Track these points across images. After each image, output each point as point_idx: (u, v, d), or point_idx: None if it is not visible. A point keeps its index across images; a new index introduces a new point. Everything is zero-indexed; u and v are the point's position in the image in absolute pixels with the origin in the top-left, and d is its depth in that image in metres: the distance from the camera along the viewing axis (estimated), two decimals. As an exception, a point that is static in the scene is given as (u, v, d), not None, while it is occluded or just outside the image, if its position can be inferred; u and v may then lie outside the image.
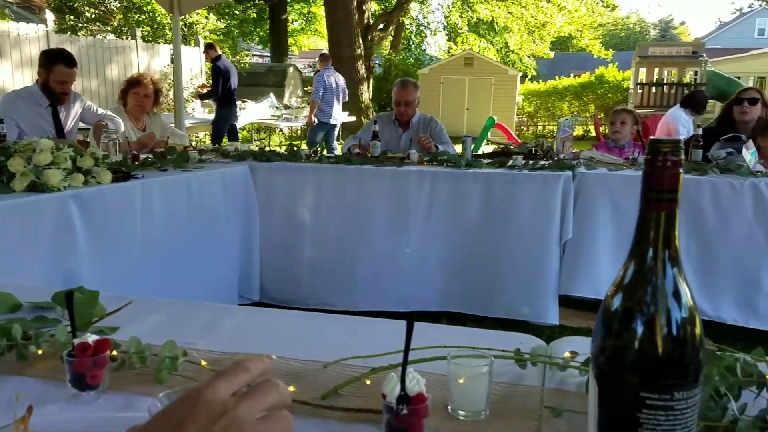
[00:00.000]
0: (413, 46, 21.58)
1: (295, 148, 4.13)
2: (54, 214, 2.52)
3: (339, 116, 9.04)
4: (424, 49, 22.65)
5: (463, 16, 19.44)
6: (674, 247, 0.59)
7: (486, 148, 10.43)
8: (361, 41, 13.95)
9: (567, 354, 0.89)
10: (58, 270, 2.53)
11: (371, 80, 15.30)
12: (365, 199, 3.64)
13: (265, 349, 0.99)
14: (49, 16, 9.01)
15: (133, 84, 4.19)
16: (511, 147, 8.58)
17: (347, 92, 9.15)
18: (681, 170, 0.59)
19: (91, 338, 0.82)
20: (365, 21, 14.62)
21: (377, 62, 19.21)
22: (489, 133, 11.98)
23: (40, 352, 0.92)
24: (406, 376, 0.71)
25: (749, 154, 3.49)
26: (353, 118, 12.42)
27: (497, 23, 19.15)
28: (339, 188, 3.68)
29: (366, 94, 14.40)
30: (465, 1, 18.74)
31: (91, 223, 2.69)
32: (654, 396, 0.57)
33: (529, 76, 21.24)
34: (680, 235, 0.59)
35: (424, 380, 0.73)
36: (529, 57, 21.13)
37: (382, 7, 18.54)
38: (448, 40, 22.33)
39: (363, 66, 14.13)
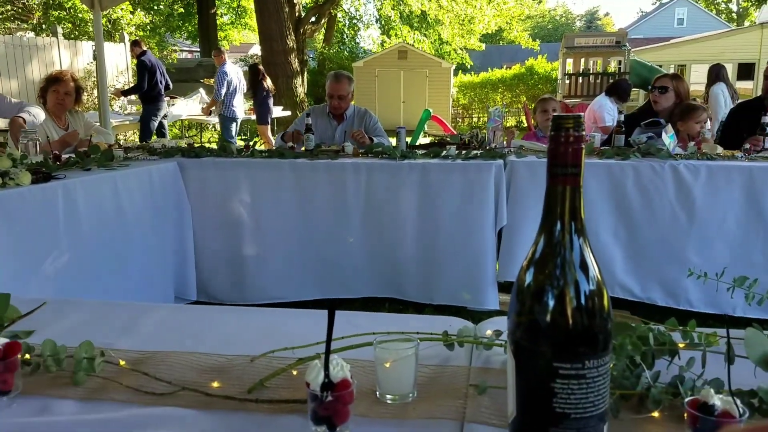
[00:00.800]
0: (347, 39, 21.53)
1: (226, 143, 4.05)
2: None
3: (242, 109, 9.23)
4: (358, 43, 22.64)
5: (396, 8, 19.51)
6: (580, 219, 0.61)
7: (424, 141, 10.53)
8: (293, 34, 13.79)
9: (489, 332, 0.91)
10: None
11: (305, 74, 15.16)
12: (302, 192, 3.61)
13: (189, 346, 0.97)
14: (-40, 12, 8.48)
15: (52, 81, 4.01)
16: (447, 138, 8.71)
17: (245, 84, 9.20)
18: (582, 145, 0.61)
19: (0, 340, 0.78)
20: (296, 14, 14.46)
21: (311, 56, 19.06)
22: (426, 126, 12.10)
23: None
24: (330, 363, 0.71)
25: (668, 138, 3.65)
26: (288, 113, 12.29)
27: (429, 16, 19.31)
28: (274, 182, 3.64)
29: (300, 87, 14.26)
30: (397, -7, 18.84)
31: (10, 226, 2.56)
32: (566, 366, 0.59)
33: (469, 66, 21.53)
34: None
35: (349, 366, 0.73)
36: (461, 49, 21.41)
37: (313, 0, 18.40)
38: (382, 33, 22.38)
39: (296, 59, 13.98)
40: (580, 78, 14.19)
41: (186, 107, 10.08)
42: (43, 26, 12.00)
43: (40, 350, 0.87)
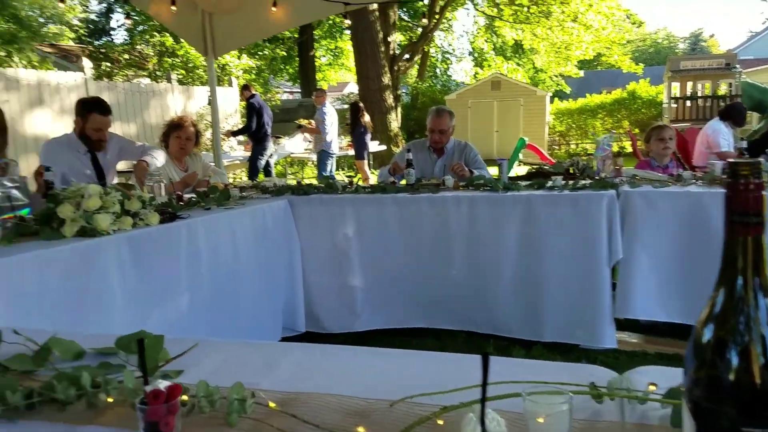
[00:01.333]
0: (439, 73, 21.74)
1: (331, 181, 4.17)
2: (104, 257, 2.57)
3: (338, 146, 9.69)
4: (450, 76, 22.80)
5: (488, 41, 19.53)
6: (764, 273, 0.57)
7: (519, 170, 10.37)
8: (388, 72, 14.12)
9: (651, 387, 0.86)
10: (108, 312, 2.58)
11: (399, 109, 15.42)
12: (405, 225, 3.66)
13: (329, 387, 0.98)
14: (87, 63, 9.31)
15: (174, 127, 4.28)
16: (545, 167, 8.52)
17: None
18: (764, 192, 0.57)
19: (162, 384, 0.82)
20: (391, 52, 14.80)
21: (404, 91, 19.39)
22: (521, 154, 11.93)
23: (110, 400, 0.93)
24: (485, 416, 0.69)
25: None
26: (383, 147, 12.52)
27: (523, 45, 19.17)
28: (378, 217, 3.71)
29: (394, 122, 14.52)
30: (489, 26, 18.83)
31: (139, 265, 2.73)
32: (755, 429, 0.55)
33: (568, 92, 21.12)
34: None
35: (504, 421, 0.71)
36: (557, 76, 21.06)
37: (408, 37, 18.75)
38: (475, 65, 22.44)
39: (391, 96, 14.28)
40: (688, 102, 13.52)
41: (290, 146, 10.53)
42: (158, 73, 12.95)
43: (194, 391, 0.91)
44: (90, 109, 3.89)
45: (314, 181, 4.41)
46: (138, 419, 0.83)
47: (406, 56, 16.30)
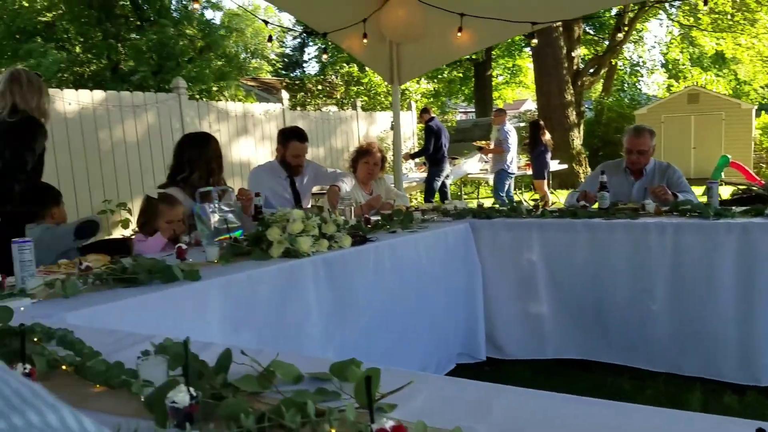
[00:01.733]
0: (627, 86, 20.52)
1: (516, 204, 4.08)
2: (303, 277, 2.74)
3: (516, 166, 9.54)
4: (640, 89, 21.41)
5: (684, 51, 18.06)
6: None
7: (722, 190, 9.38)
8: (570, 87, 13.63)
9: None
10: (303, 328, 2.74)
11: (582, 125, 14.79)
12: (597, 253, 3.46)
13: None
14: (284, 95, 10.17)
15: (363, 153, 4.49)
16: (755, 188, 7.61)
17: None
18: None
19: (388, 424, 0.83)
20: (574, 67, 14.29)
21: (588, 106, 18.57)
22: (723, 173, 10.81)
23: (333, 431, 0.96)
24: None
25: None
26: (564, 166, 12.07)
27: (724, 55, 17.46)
28: (567, 243, 3.55)
29: (577, 140, 13.95)
30: (685, 36, 17.41)
31: (333, 284, 2.88)
32: None
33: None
34: None
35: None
36: (764, 87, 18.85)
37: (592, 51, 17.99)
38: (669, 77, 20.85)
39: (573, 112, 13.75)
40: None
41: (466, 166, 10.56)
42: (344, 101, 13.76)
43: (412, 430, 0.91)
44: (289, 137, 4.26)
45: (490, 201, 4.36)
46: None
47: (591, 70, 15.63)
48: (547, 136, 9.48)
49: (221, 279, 2.40)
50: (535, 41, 4.85)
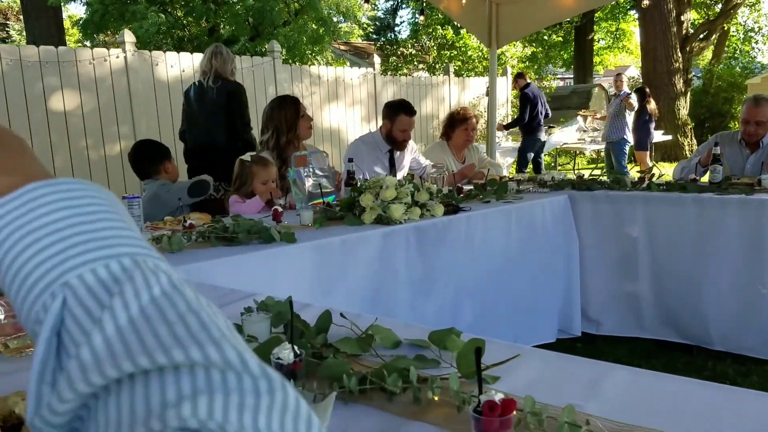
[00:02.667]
0: (739, 53, 19.01)
1: (619, 175, 3.88)
2: (395, 244, 2.74)
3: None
4: (754, 57, 19.77)
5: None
6: None
7: None
8: (678, 53, 12.77)
9: None
10: (392, 294, 2.75)
11: (689, 94, 13.85)
12: (705, 230, 3.25)
13: (664, 424, 0.87)
14: (377, 59, 10.12)
15: (461, 121, 4.37)
16: None
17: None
18: None
19: (497, 396, 0.80)
20: (683, 32, 13.34)
21: (696, 74, 17.38)
22: None
23: (436, 398, 0.94)
24: None
25: None
26: (668, 137, 11.40)
27: None
28: (673, 218, 3.35)
29: (683, 109, 13.10)
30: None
31: (423, 254, 2.86)
32: None
33: None
34: None
35: None
36: None
37: (703, 15, 16.73)
38: (787, 42, 19.12)
39: (680, 80, 12.90)
40: None
41: (562, 135, 10.17)
42: (437, 66, 13.54)
43: (520, 405, 0.87)
44: (397, 110, 4.12)
45: (587, 173, 4.16)
46: (470, 426, 0.82)
47: (701, 36, 14.57)
48: (653, 105, 8.93)
49: (315, 243, 2.43)
50: (646, 2, 4.53)
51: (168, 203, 3.21)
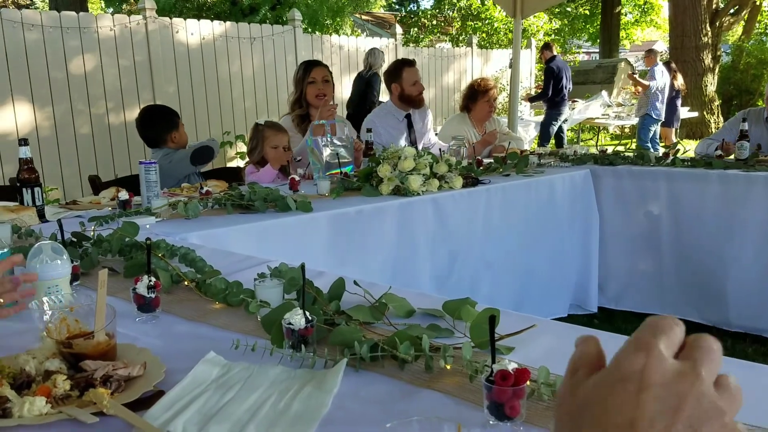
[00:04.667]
0: (772, 29, 18.43)
1: (644, 150, 3.81)
2: (412, 215, 2.71)
3: (663, 111, 8.60)
4: (787, 33, 19.15)
5: None
6: None
7: None
8: (707, 28, 12.42)
9: None
10: (413, 264, 2.73)
11: (717, 71, 13.50)
12: (730, 208, 3.17)
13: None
14: (398, 30, 9.98)
15: (482, 92, 4.29)
16: None
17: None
18: None
19: (510, 366, 0.78)
20: (714, 6, 12.95)
21: (725, 50, 16.90)
22: None
23: (448, 367, 0.92)
24: None
25: None
26: (695, 114, 11.17)
27: None
28: (697, 195, 3.28)
29: (710, 86, 12.78)
30: None
31: (442, 225, 2.83)
32: None
33: None
34: None
35: None
36: None
37: (735, -12, 16.20)
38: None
39: (708, 55, 12.57)
40: None
41: (586, 110, 9.99)
42: (460, 37, 13.32)
43: (534, 375, 0.85)
44: (399, 68, 4.08)
45: (611, 148, 4.09)
46: (483, 395, 0.80)
47: (731, 11, 14.14)
48: (680, 80, 8.73)
49: (331, 212, 2.42)
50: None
51: (171, 173, 3.14)
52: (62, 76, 5.75)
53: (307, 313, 1.01)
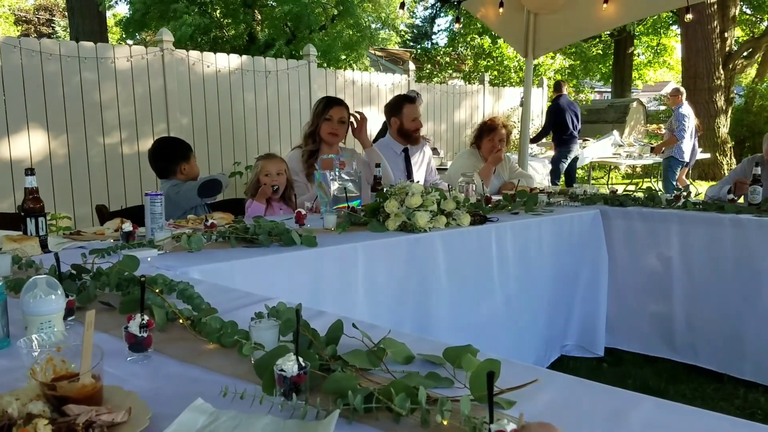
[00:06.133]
0: (786, 72, 18.43)
1: (654, 191, 3.77)
2: (420, 252, 2.68)
3: (689, 153, 8.47)
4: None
5: None
6: None
7: None
8: (721, 71, 12.47)
9: None
10: (428, 304, 2.69)
11: (729, 112, 13.50)
12: (744, 253, 3.12)
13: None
14: (411, 66, 10.08)
15: (488, 130, 4.30)
16: None
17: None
18: None
19: (509, 427, 0.74)
20: (727, 49, 13.02)
21: (737, 92, 16.92)
22: None
23: (445, 422, 0.88)
24: None
25: None
26: (707, 155, 11.11)
27: None
28: (709, 239, 3.23)
29: (723, 128, 12.78)
30: None
31: (450, 261, 2.79)
32: None
33: None
34: None
35: None
36: None
37: (748, 33, 16.32)
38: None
39: (722, 97, 12.59)
40: None
41: (597, 149, 9.98)
42: (472, 75, 13.44)
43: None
44: (400, 103, 4.19)
45: (621, 188, 4.06)
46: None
47: (745, 53, 14.20)
48: (696, 121, 8.73)
49: (336, 248, 2.39)
50: (689, 16, 4.39)
51: (178, 205, 3.16)
52: (78, 105, 5.82)
53: (301, 360, 0.97)
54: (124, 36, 15.32)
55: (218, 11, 14.23)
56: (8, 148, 5.43)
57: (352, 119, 3.83)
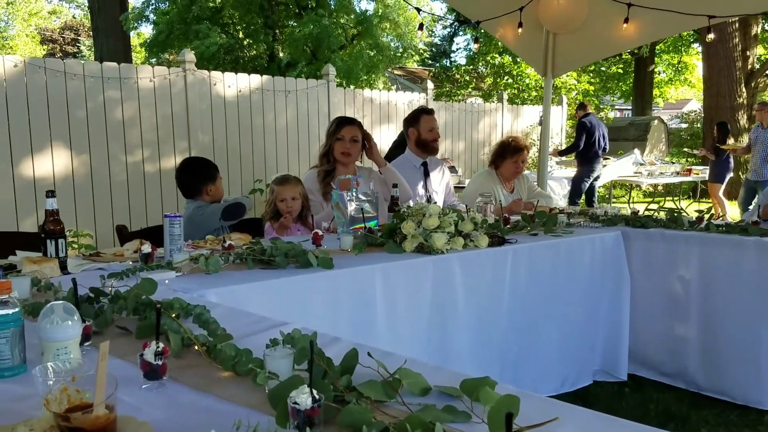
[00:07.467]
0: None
1: (676, 213, 3.71)
2: (437, 274, 2.65)
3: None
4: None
5: None
6: None
7: None
8: (743, 89, 12.35)
9: None
10: (447, 326, 2.67)
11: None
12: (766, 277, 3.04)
13: None
14: (430, 85, 10.12)
15: (513, 151, 4.26)
16: None
17: None
18: None
19: (526, 471, 0.72)
20: (749, 67, 12.89)
21: (761, 110, 16.71)
22: None
23: (461, 461, 0.86)
24: None
25: None
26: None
27: None
28: (733, 262, 3.16)
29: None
30: None
31: (467, 282, 2.76)
32: None
33: None
34: None
35: None
36: None
37: (771, 50, 16.17)
38: None
39: (744, 115, 12.45)
40: None
41: (619, 168, 9.90)
42: (492, 93, 13.44)
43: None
44: (417, 115, 4.19)
45: (642, 207, 4.00)
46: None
47: (767, 72, 14.05)
48: (732, 139, 8.64)
49: (353, 269, 2.38)
50: (711, 36, 4.35)
51: (202, 226, 3.18)
52: (101, 125, 5.91)
53: (315, 392, 0.96)
54: (147, 56, 15.59)
55: (240, 32, 14.44)
56: (32, 167, 5.52)
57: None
